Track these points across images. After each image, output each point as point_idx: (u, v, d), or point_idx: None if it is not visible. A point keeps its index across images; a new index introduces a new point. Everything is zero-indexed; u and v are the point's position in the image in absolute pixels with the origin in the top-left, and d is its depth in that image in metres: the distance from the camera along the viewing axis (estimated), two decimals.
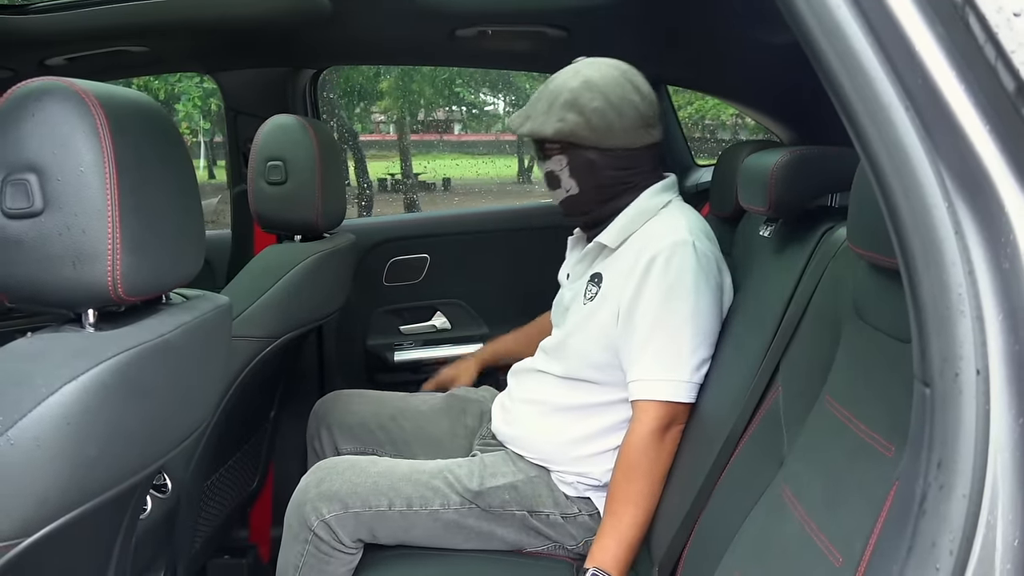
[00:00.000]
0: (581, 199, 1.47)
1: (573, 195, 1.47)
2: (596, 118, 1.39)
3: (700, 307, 1.34)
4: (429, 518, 1.41)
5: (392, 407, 1.74)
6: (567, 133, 1.40)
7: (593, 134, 1.40)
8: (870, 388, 0.88)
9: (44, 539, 0.75)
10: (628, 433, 1.34)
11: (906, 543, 0.53)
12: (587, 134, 1.40)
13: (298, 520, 1.41)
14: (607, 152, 1.42)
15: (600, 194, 1.45)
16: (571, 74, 1.43)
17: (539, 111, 1.43)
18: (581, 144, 1.41)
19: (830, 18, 0.54)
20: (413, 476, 1.43)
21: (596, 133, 1.40)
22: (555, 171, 1.47)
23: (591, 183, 1.44)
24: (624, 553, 1.29)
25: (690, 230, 1.38)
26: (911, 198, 0.53)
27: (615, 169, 1.43)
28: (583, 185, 1.45)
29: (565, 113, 1.40)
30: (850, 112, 0.55)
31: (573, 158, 1.43)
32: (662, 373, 1.33)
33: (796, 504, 0.92)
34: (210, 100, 6.51)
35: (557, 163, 1.45)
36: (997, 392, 0.51)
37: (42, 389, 0.72)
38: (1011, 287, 0.52)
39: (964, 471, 0.51)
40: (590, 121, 1.39)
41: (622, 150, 1.42)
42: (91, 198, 0.76)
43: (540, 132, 1.42)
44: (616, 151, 1.42)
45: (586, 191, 1.45)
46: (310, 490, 1.42)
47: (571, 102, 1.40)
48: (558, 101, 1.41)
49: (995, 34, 0.51)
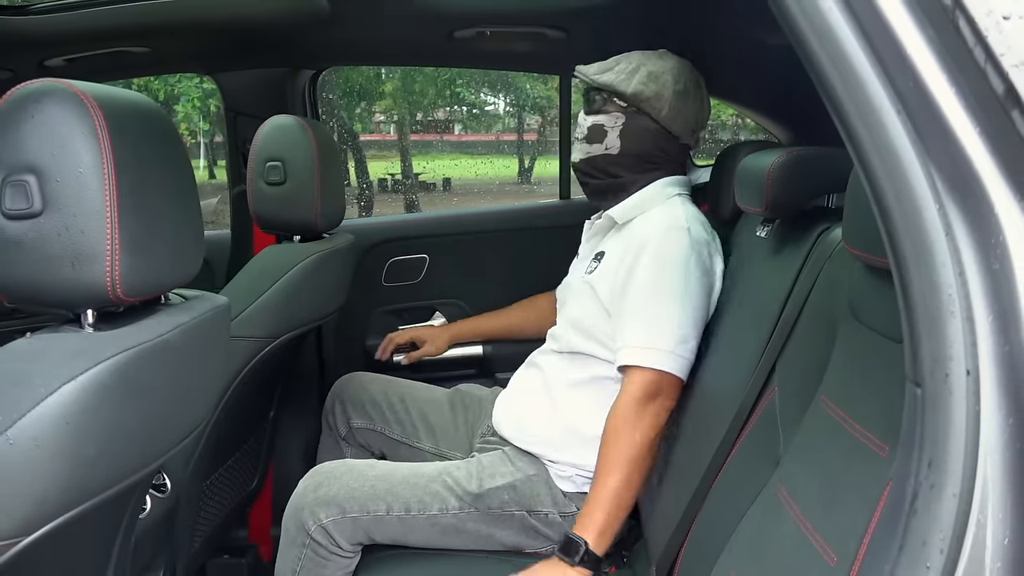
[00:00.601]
0: (613, 160, 1.54)
1: (609, 154, 1.54)
2: (672, 99, 1.51)
3: (690, 286, 1.39)
4: (427, 523, 1.42)
5: (402, 389, 1.81)
6: (643, 98, 1.50)
7: (662, 110, 1.51)
8: (865, 388, 0.88)
9: (43, 538, 0.75)
10: (615, 400, 1.37)
11: (897, 542, 0.53)
12: (658, 106, 1.51)
13: (295, 525, 1.42)
14: (661, 130, 1.53)
15: (630, 163, 1.54)
16: (658, 55, 1.54)
17: (622, 69, 1.51)
18: (646, 112, 1.51)
19: (822, 21, 0.55)
20: (411, 480, 1.44)
21: (665, 110, 1.51)
22: (606, 125, 1.53)
23: (632, 149, 1.53)
24: (602, 518, 1.30)
25: (687, 218, 1.46)
26: (902, 200, 0.53)
27: (656, 148, 1.54)
28: (625, 148, 1.53)
29: (649, 81, 1.50)
30: (842, 114, 0.56)
31: (631, 120, 1.52)
32: (648, 341, 1.36)
33: (792, 504, 0.92)
34: (209, 101, 6.51)
35: (612, 119, 1.53)
36: (987, 392, 0.51)
37: (41, 389, 0.73)
38: (1001, 288, 0.52)
39: (955, 471, 0.51)
40: (665, 98, 1.51)
41: (671, 135, 1.54)
42: (90, 199, 0.77)
43: (618, 87, 1.51)
44: (667, 133, 1.53)
45: (624, 155, 1.53)
46: (307, 495, 1.42)
47: (657, 75, 1.51)
48: (643, 70, 1.50)
49: (984, 37, 0.51)
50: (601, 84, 1.52)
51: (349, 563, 1.42)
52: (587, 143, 1.56)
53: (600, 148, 1.54)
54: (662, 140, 1.54)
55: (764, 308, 1.23)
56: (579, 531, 1.31)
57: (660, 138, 1.53)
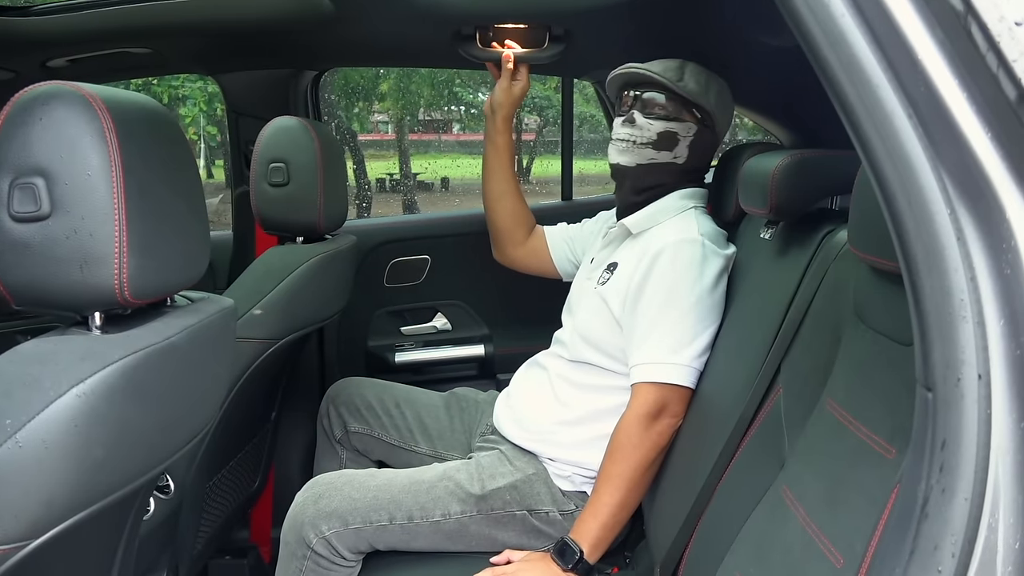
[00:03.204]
0: (675, 169, 1.54)
1: (675, 163, 1.54)
2: (726, 112, 1.57)
3: (702, 298, 1.39)
4: (430, 529, 1.42)
5: (398, 394, 1.80)
6: (718, 114, 1.54)
7: (724, 124, 1.56)
8: (871, 390, 0.88)
9: (50, 541, 0.75)
10: (622, 415, 1.38)
11: (908, 545, 0.54)
12: (722, 121, 1.56)
13: (295, 538, 1.41)
14: (715, 141, 1.57)
15: (687, 174, 1.55)
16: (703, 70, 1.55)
17: (695, 80, 1.51)
18: (713, 126, 1.54)
19: (834, 26, 0.55)
20: (412, 488, 1.44)
21: (724, 125, 1.56)
22: (679, 134, 1.52)
23: (695, 161, 1.55)
24: (598, 531, 1.32)
25: (701, 232, 1.45)
26: (914, 204, 0.53)
27: (708, 157, 1.58)
28: (690, 160, 1.54)
29: (720, 96, 1.54)
30: (853, 119, 0.56)
31: (701, 132, 1.53)
32: (658, 356, 1.37)
33: (797, 505, 0.92)
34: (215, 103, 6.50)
35: (686, 128, 1.52)
36: (998, 396, 0.52)
37: (50, 392, 0.73)
38: (1012, 292, 0.52)
39: (966, 475, 0.51)
40: (727, 115, 1.57)
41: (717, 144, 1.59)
42: (98, 201, 0.77)
43: (700, 99, 1.51)
44: (716, 143, 1.58)
45: (689, 164, 1.54)
46: (308, 507, 1.41)
47: (721, 90, 1.55)
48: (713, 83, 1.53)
49: (997, 43, 0.52)
50: (687, 93, 1.49)
51: (351, 572, 1.42)
52: (653, 148, 1.51)
53: (668, 156, 1.51)
54: (711, 151, 1.58)
55: (769, 310, 1.23)
56: (575, 537, 1.32)
57: (712, 149, 1.57)
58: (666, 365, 1.36)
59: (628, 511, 1.36)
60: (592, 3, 1.65)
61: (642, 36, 1.80)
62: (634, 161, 1.53)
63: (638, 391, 1.37)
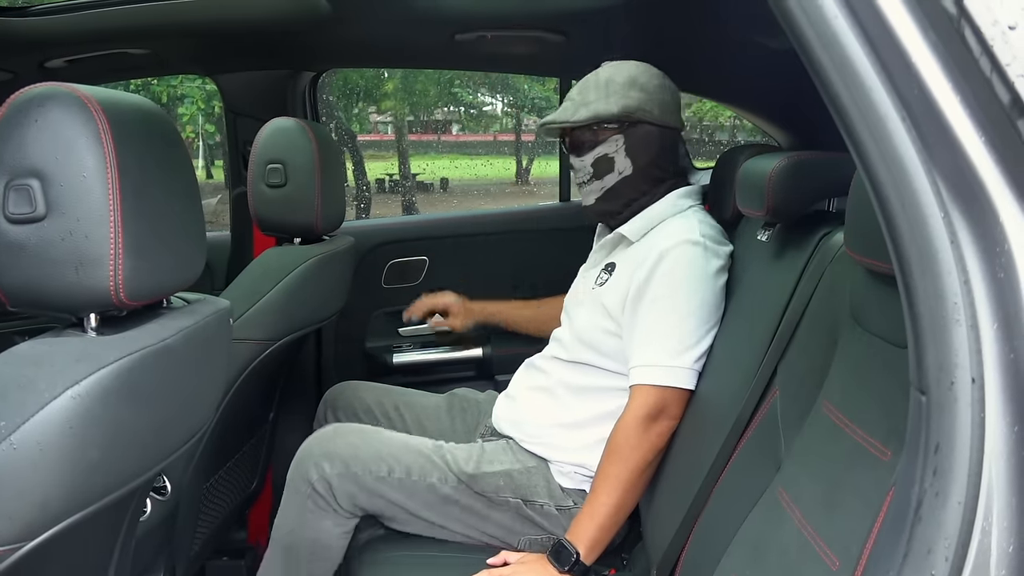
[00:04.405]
0: (633, 180, 1.51)
1: (627, 176, 1.51)
2: (657, 93, 1.49)
3: (704, 299, 1.39)
4: (426, 490, 1.44)
5: (396, 398, 1.80)
6: (633, 108, 1.47)
7: (655, 108, 1.49)
8: (867, 393, 0.88)
9: (46, 543, 0.75)
10: (620, 417, 1.38)
11: (902, 549, 0.54)
12: (650, 108, 1.48)
13: (299, 474, 1.45)
14: (663, 128, 1.51)
15: (650, 174, 1.51)
16: (613, 67, 1.51)
17: (594, 97, 1.48)
18: (643, 120, 1.48)
19: (827, 28, 0.55)
20: (415, 448, 1.48)
21: (658, 108, 1.49)
22: (609, 154, 1.50)
23: (646, 159, 1.50)
24: (595, 532, 1.32)
25: (702, 233, 1.44)
26: (907, 208, 0.53)
27: (665, 149, 1.52)
28: (638, 162, 1.50)
29: (628, 91, 1.47)
30: (847, 122, 0.56)
31: (631, 135, 1.49)
32: (658, 359, 1.37)
33: (793, 507, 0.92)
34: (213, 103, 6.50)
35: (612, 145, 1.49)
36: (992, 400, 0.52)
37: (45, 394, 0.73)
38: (1006, 296, 0.52)
39: (960, 478, 0.51)
40: (652, 96, 1.48)
41: (671, 129, 1.52)
42: (94, 203, 0.77)
43: (605, 112, 1.47)
44: (667, 128, 1.51)
45: (640, 169, 1.50)
46: (313, 448, 1.46)
47: (631, 82, 1.48)
48: (614, 84, 1.48)
49: (990, 47, 0.52)
50: (587, 120, 1.48)
51: (346, 523, 1.45)
52: (597, 179, 1.51)
53: (614, 177, 1.50)
54: (665, 139, 1.52)
55: (766, 312, 1.23)
56: (572, 538, 1.32)
57: (664, 138, 1.51)
58: (668, 368, 1.36)
59: (625, 512, 1.36)
60: (589, 4, 1.65)
61: (638, 37, 1.80)
62: (592, 198, 1.54)
63: (638, 393, 1.37)
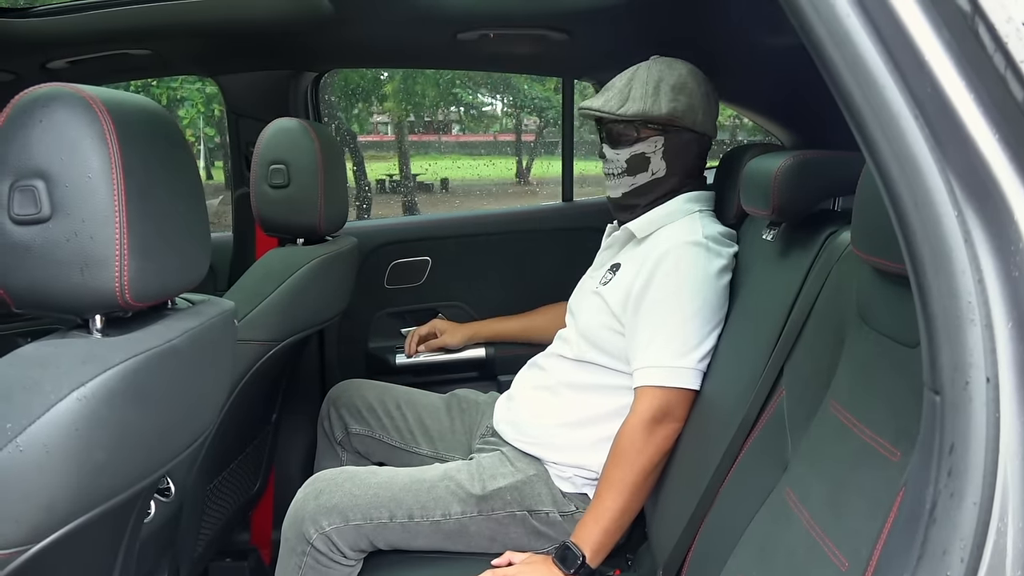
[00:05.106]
0: (663, 182, 1.52)
1: (658, 178, 1.52)
2: (702, 101, 1.50)
3: (707, 301, 1.39)
4: (430, 528, 1.42)
5: (398, 396, 1.80)
6: (680, 114, 1.48)
7: (699, 115, 1.50)
8: (875, 392, 0.88)
9: (52, 545, 0.75)
10: (624, 420, 1.38)
11: (916, 550, 0.53)
12: (694, 116, 1.49)
13: (295, 534, 1.40)
14: (700, 137, 1.52)
15: (680, 179, 1.53)
16: (665, 65, 1.51)
17: (641, 94, 1.48)
18: (684, 126, 1.49)
19: (839, 26, 0.55)
20: (413, 486, 1.44)
21: (701, 115, 1.50)
22: (646, 153, 1.51)
23: (679, 166, 1.52)
24: (600, 536, 1.32)
25: (705, 234, 1.44)
26: (921, 207, 0.53)
27: (698, 156, 1.54)
28: (672, 167, 1.51)
29: (677, 95, 1.47)
30: (859, 120, 0.55)
31: (671, 139, 1.50)
32: (662, 360, 1.36)
33: (800, 508, 0.92)
34: (212, 105, 6.50)
35: (651, 145, 1.50)
36: (1007, 399, 0.51)
37: (51, 395, 0.72)
38: (1020, 295, 0.52)
39: (975, 479, 0.51)
40: (697, 104, 1.49)
41: (707, 138, 1.55)
42: (99, 204, 0.76)
43: (651, 113, 1.47)
44: (704, 137, 1.53)
45: (672, 173, 1.52)
46: (308, 503, 1.41)
47: (681, 86, 1.48)
48: (664, 85, 1.48)
49: (1004, 44, 0.51)
50: (631, 116, 1.48)
51: (351, 571, 1.42)
52: (628, 175, 1.52)
53: (646, 176, 1.52)
54: (700, 148, 1.54)
55: (771, 311, 1.23)
56: (577, 541, 1.32)
57: (699, 147, 1.54)
58: (672, 369, 1.35)
59: (630, 515, 1.35)
60: (591, 4, 1.65)
61: (641, 37, 1.80)
62: (619, 191, 1.55)
63: (643, 395, 1.37)
